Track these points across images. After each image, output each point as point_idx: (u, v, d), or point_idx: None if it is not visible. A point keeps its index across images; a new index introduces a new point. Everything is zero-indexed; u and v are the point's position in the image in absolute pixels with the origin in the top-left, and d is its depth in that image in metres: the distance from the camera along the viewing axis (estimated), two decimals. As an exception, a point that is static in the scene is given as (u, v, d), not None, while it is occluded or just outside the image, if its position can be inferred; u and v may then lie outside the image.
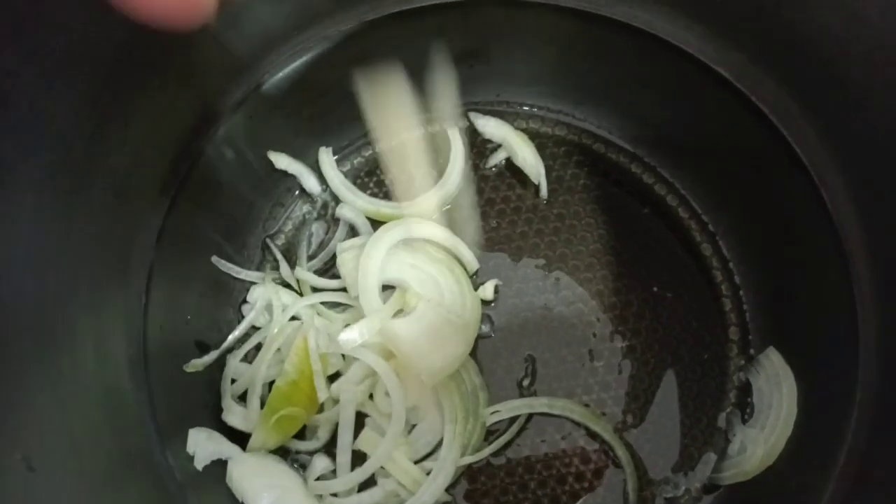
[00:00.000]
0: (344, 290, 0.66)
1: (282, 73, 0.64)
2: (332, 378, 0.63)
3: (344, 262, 0.63)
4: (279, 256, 0.69)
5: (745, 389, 0.63)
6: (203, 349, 0.62)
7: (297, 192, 0.71)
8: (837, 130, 0.54)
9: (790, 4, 0.51)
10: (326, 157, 0.72)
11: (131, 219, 0.54)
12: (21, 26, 0.41)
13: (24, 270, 0.42)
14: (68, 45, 0.45)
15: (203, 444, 0.57)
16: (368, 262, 0.62)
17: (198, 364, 0.61)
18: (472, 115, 0.73)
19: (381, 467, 0.60)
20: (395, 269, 0.63)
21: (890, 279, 0.52)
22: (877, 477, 0.49)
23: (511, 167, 0.72)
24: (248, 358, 0.64)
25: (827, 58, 0.52)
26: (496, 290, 0.67)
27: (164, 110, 0.55)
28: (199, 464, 0.56)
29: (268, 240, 0.70)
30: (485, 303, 0.66)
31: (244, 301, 0.66)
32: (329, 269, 0.69)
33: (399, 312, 0.62)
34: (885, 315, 0.52)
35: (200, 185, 0.61)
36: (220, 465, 0.57)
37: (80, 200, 0.48)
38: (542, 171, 0.70)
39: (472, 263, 0.66)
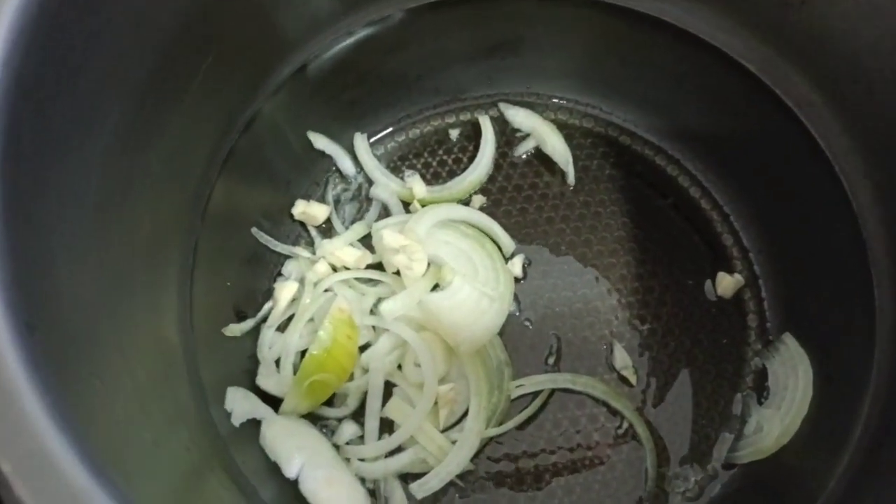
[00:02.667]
0: (375, 266, 0.69)
1: (325, 55, 0.67)
2: (362, 349, 0.65)
3: (380, 239, 0.66)
4: (314, 232, 0.71)
5: (762, 374, 0.65)
6: (241, 317, 0.65)
7: (333, 172, 0.74)
8: (860, 124, 0.57)
9: (816, 0, 0.54)
10: (362, 143, 0.74)
11: (183, 185, 0.57)
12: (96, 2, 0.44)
13: (94, 222, 0.44)
14: (136, 17, 0.48)
15: (240, 403, 0.59)
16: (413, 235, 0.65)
17: (235, 329, 0.64)
18: (503, 106, 0.76)
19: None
20: (431, 245, 0.65)
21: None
22: (890, 453, 0.50)
23: (538, 156, 0.75)
24: (282, 328, 0.67)
25: (851, 52, 0.54)
26: (524, 270, 0.69)
27: (218, 85, 0.58)
28: (236, 420, 0.58)
29: (304, 216, 0.72)
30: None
31: (279, 273, 0.69)
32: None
33: (435, 287, 0.64)
34: (901, 300, 0.55)
35: (244, 159, 0.64)
36: (256, 425, 0.60)
37: (140, 164, 0.51)
38: (570, 159, 0.72)
39: (509, 245, 0.69)
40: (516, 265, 0.68)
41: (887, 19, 0.52)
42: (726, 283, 0.68)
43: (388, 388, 0.64)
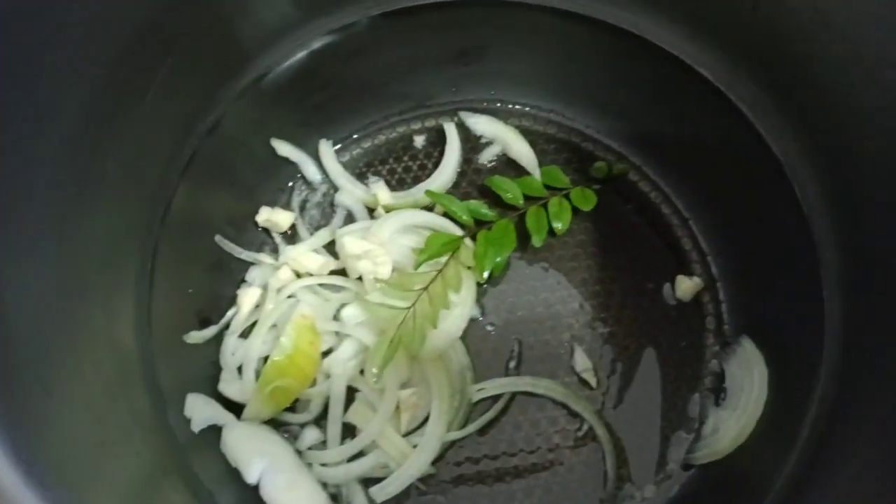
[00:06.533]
0: (339, 272, 0.69)
1: (287, 63, 0.67)
2: (325, 355, 0.66)
3: (342, 246, 0.66)
4: (278, 239, 0.72)
5: (720, 376, 0.66)
6: (203, 323, 0.65)
7: (297, 179, 0.74)
8: (811, 128, 0.58)
9: (766, 6, 0.55)
10: (326, 149, 0.75)
11: (141, 189, 0.57)
12: (49, 4, 0.44)
13: (44, 226, 0.45)
14: (90, 23, 0.48)
15: (200, 409, 0.59)
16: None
17: (197, 337, 0.64)
18: (464, 115, 0.77)
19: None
20: (394, 250, 0.66)
21: (854, 269, 0.55)
22: (834, 453, 0.51)
23: (505, 161, 0.75)
24: (245, 335, 0.67)
25: (802, 57, 0.55)
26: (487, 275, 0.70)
27: (176, 91, 0.58)
28: (196, 427, 0.58)
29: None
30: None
31: (243, 280, 0.69)
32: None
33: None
34: (848, 302, 0.56)
35: (206, 166, 0.64)
36: (216, 431, 0.60)
37: (95, 168, 0.51)
38: (536, 162, 0.73)
39: (471, 249, 0.69)
40: (480, 271, 0.69)
41: (837, 24, 0.53)
42: (685, 287, 0.69)
43: (351, 393, 0.64)
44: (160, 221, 0.60)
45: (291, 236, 0.72)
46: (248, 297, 0.67)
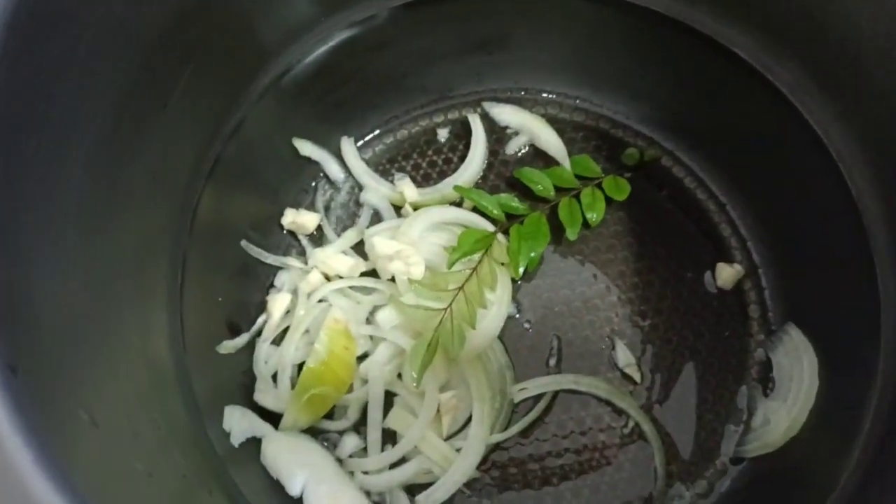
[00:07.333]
0: (369, 273, 0.67)
1: (307, 59, 0.65)
2: (360, 359, 0.64)
3: (372, 247, 0.64)
4: (305, 241, 0.70)
5: (766, 365, 0.64)
6: (234, 331, 0.63)
7: (321, 178, 0.72)
8: (857, 109, 0.56)
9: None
10: (349, 147, 0.73)
11: (168, 196, 0.55)
12: (75, 8, 0.42)
13: (77, 234, 0.43)
14: (114, 29, 0.46)
15: (238, 421, 0.58)
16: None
17: (229, 346, 0.62)
18: (487, 105, 0.74)
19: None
20: (425, 250, 0.64)
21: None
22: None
23: (532, 152, 0.73)
24: (277, 341, 0.65)
25: (843, 36, 0.53)
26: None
27: (199, 94, 0.56)
28: (235, 440, 0.57)
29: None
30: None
31: (272, 285, 0.68)
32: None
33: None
34: (905, 286, 0.54)
35: (230, 169, 0.62)
36: (255, 443, 0.58)
37: (123, 177, 0.49)
38: (565, 151, 0.71)
39: (504, 245, 0.68)
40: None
41: (877, 4, 0.51)
42: (726, 274, 0.67)
43: (389, 397, 0.63)
44: (188, 229, 0.58)
45: (318, 238, 0.70)
46: (278, 303, 0.65)
